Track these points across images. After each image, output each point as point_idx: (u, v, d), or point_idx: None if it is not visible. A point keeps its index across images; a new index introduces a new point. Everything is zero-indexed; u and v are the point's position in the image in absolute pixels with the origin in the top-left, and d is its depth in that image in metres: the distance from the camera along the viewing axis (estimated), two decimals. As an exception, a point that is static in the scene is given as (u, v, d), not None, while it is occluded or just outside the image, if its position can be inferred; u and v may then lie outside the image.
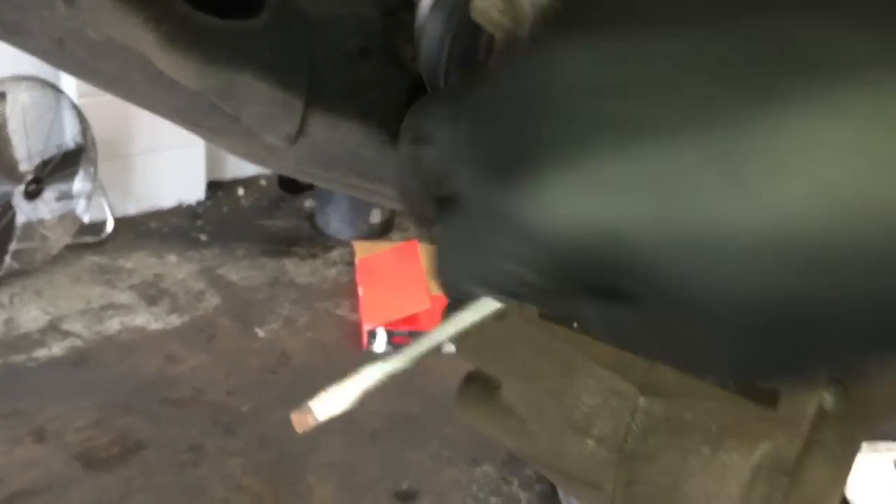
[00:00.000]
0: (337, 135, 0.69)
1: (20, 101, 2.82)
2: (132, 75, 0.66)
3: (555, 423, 0.42)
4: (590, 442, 0.41)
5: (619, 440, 0.40)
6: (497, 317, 0.44)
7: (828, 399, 0.37)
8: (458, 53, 0.59)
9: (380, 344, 2.97)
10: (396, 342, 2.97)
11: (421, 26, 0.62)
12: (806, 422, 0.37)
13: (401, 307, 3.00)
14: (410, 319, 2.98)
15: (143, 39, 0.59)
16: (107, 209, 3.27)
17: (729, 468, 0.38)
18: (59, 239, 3.12)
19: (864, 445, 1.68)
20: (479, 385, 0.46)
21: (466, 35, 0.57)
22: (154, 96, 0.67)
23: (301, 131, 0.68)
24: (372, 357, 0.39)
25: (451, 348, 0.45)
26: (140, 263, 3.29)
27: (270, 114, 0.67)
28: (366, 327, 2.98)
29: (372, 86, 0.71)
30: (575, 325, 0.42)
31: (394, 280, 3.16)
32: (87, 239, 3.26)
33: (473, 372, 0.47)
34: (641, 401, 0.40)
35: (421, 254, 3.21)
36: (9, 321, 2.91)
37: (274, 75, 0.66)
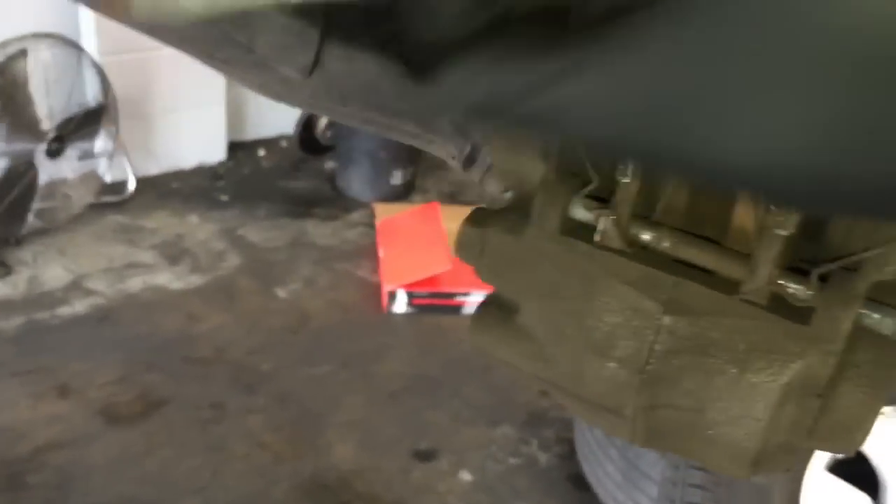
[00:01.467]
0: (353, 67, 0.67)
1: (41, 59, 2.82)
2: (143, 3, 0.64)
3: (574, 344, 0.40)
4: (610, 364, 0.39)
5: (641, 361, 0.38)
6: (515, 233, 0.42)
7: (888, 323, 0.35)
8: None
9: (400, 305, 2.96)
10: (416, 303, 2.96)
11: None
12: (840, 340, 0.35)
13: (421, 268, 2.98)
14: (431, 281, 2.97)
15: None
16: (128, 169, 3.28)
17: (757, 390, 0.37)
18: (82, 198, 3.14)
19: (890, 409, 1.63)
20: (495, 309, 0.44)
21: None
22: (164, 24, 0.66)
23: (317, 63, 0.66)
24: (393, 319, 0.37)
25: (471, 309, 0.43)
26: (162, 223, 3.29)
27: (285, 44, 0.65)
28: (386, 288, 2.98)
29: (390, 18, 0.69)
30: (597, 239, 0.40)
31: (414, 241, 3.15)
32: (109, 198, 3.27)
33: (490, 296, 0.45)
34: (666, 319, 0.38)
35: (441, 215, 3.19)
36: (32, 279, 2.93)
37: (290, 4, 0.64)
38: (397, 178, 3.57)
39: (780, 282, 0.36)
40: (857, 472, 1.80)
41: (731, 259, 0.38)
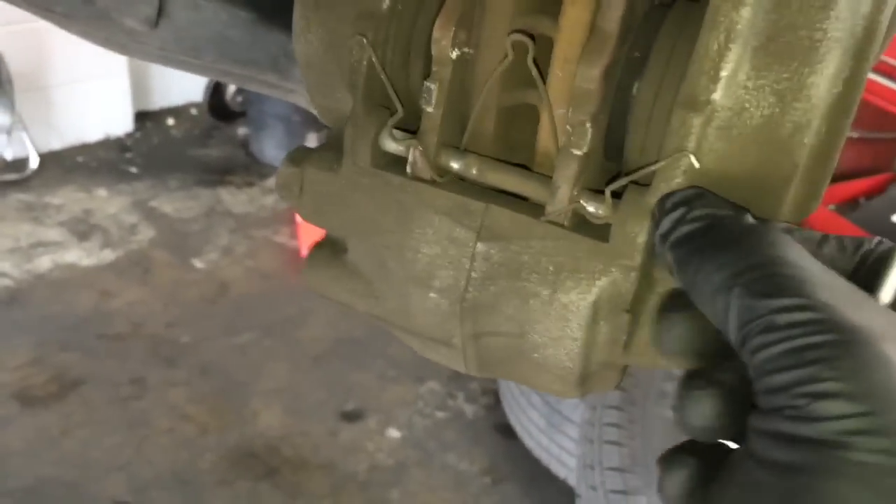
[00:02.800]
0: (201, 16, 0.65)
1: (-77, 33, 2.68)
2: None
3: (398, 278, 0.40)
4: (432, 295, 0.39)
5: (461, 290, 0.38)
6: (332, 169, 0.42)
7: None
8: None
9: (320, 268, 2.94)
10: (337, 266, 2.94)
11: None
12: (637, 254, 0.36)
13: (340, 230, 2.96)
14: (350, 242, 2.95)
15: None
16: (29, 144, 3.16)
17: (569, 309, 0.37)
18: (-19, 177, 3.02)
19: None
20: (326, 250, 0.43)
21: None
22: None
23: (161, 12, 0.64)
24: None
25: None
26: (68, 199, 3.19)
27: (125, -7, 0.63)
28: (305, 253, 2.94)
29: None
30: (409, 171, 0.40)
31: (332, 204, 3.12)
32: (11, 176, 3.15)
33: (321, 239, 0.45)
34: (479, 246, 0.38)
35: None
36: (-67, 264, 2.82)
37: None
38: (312, 140, 3.52)
39: (581, 202, 0.36)
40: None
41: (536, 182, 0.38)
